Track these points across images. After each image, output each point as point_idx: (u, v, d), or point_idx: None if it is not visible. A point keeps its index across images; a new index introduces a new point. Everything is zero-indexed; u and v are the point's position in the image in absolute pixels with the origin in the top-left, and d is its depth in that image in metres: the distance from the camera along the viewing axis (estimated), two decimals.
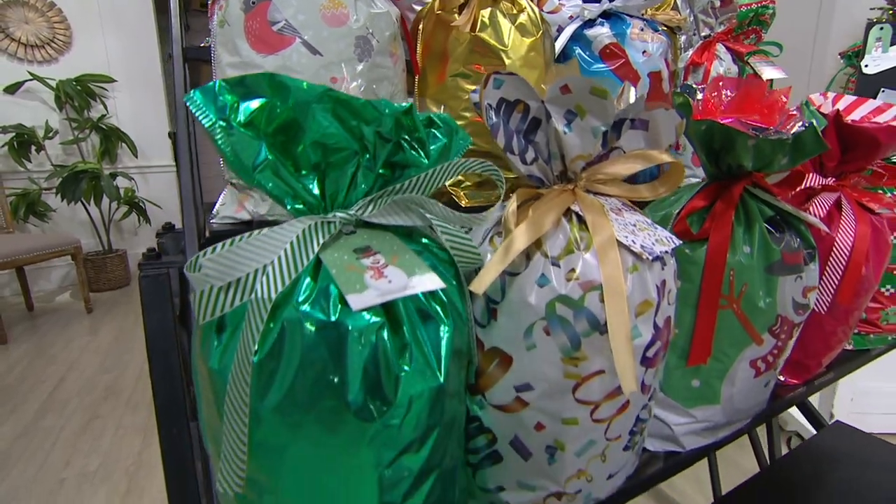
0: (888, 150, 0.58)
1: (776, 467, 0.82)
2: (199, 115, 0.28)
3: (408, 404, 0.28)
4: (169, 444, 0.54)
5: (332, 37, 0.51)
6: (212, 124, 0.28)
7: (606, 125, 0.36)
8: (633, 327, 0.36)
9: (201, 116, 0.28)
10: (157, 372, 0.56)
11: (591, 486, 0.40)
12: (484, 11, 0.62)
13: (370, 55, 0.54)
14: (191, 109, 0.28)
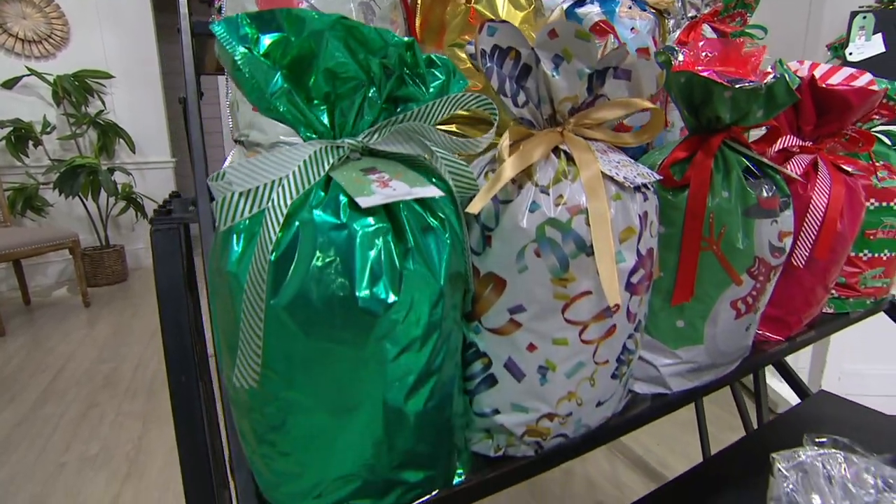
0: (860, 113, 0.61)
1: (761, 432, 0.86)
2: (224, 42, 0.31)
3: (410, 302, 0.31)
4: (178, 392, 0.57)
5: (337, 1, 0.54)
6: (234, 51, 0.31)
7: (591, 68, 0.40)
8: (618, 252, 0.39)
9: (226, 44, 0.31)
10: (167, 322, 0.58)
11: (581, 410, 0.43)
12: None
13: (372, 22, 0.57)
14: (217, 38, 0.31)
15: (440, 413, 0.36)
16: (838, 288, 0.78)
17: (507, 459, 0.44)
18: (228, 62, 0.32)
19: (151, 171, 3.19)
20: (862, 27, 1.25)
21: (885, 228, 0.75)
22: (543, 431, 0.42)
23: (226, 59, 0.32)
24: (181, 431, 0.56)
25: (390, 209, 0.33)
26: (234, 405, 0.36)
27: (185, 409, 0.57)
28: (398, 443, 0.34)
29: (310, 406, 0.32)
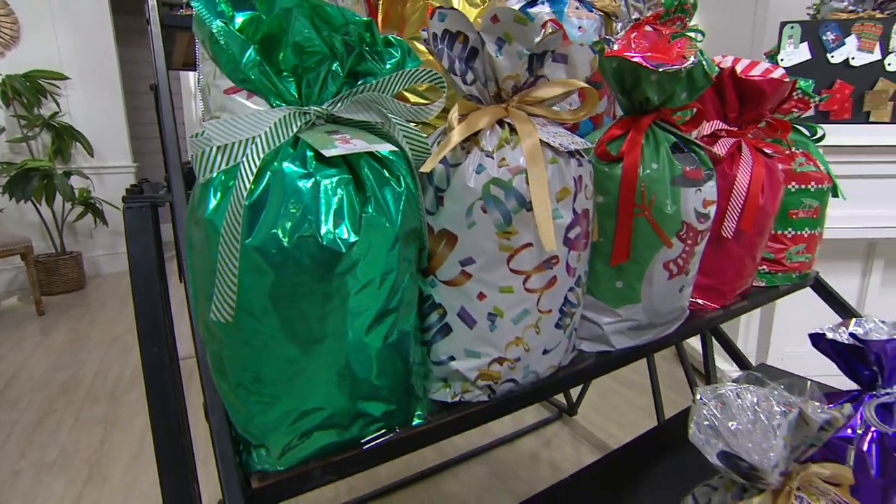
0: (774, 101, 0.70)
1: None
2: (203, 16, 0.36)
3: (368, 244, 0.36)
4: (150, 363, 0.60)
5: None
6: (212, 24, 0.36)
7: (530, 50, 0.46)
8: (555, 210, 0.45)
9: (205, 18, 0.36)
10: (139, 295, 0.61)
11: (529, 356, 0.49)
12: None
13: None
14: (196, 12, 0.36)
15: (398, 351, 0.41)
16: (768, 263, 0.87)
17: (463, 405, 0.49)
18: (206, 35, 0.37)
19: (111, 176, 3.12)
20: (791, 36, 1.38)
21: (805, 208, 0.85)
22: (494, 375, 0.48)
23: (204, 32, 0.37)
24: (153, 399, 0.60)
25: (351, 165, 0.38)
26: (210, 346, 0.40)
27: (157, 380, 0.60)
28: (360, 373, 0.39)
29: (280, 339, 0.36)
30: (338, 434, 0.41)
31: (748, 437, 0.41)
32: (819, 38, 1.39)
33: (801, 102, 0.89)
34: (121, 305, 2.67)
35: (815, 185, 0.85)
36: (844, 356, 0.60)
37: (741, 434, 0.41)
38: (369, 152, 0.39)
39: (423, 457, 1.40)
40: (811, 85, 0.89)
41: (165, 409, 0.60)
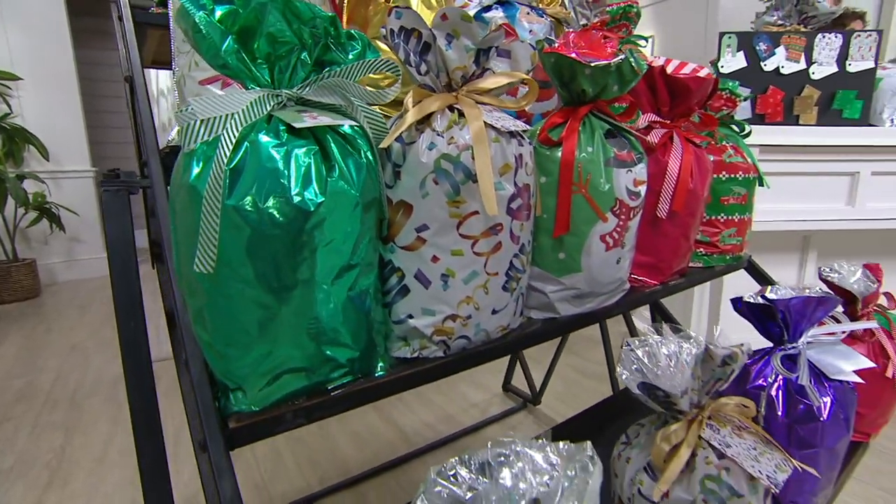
0: (699, 96, 0.80)
1: None
2: (188, 8, 0.42)
3: (333, 205, 0.43)
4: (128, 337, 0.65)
5: None
6: (196, 15, 0.42)
7: (476, 44, 0.54)
8: (498, 182, 0.53)
9: (189, 9, 0.42)
10: (117, 275, 0.66)
11: (479, 315, 0.56)
12: None
13: None
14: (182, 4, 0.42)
15: (360, 303, 0.48)
16: (704, 246, 0.97)
17: (421, 360, 0.56)
18: (190, 25, 0.43)
19: (68, 181, 3.06)
20: (728, 45, 1.52)
21: (735, 195, 0.95)
22: (448, 331, 0.54)
23: (187, 23, 0.43)
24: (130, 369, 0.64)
25: (319, 139, 0.45)
26: (192, 301, 0.45)
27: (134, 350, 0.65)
28: (325, 320, 0.45)
29: (256, 288, 0.42)
30: (307, 378, 0.47)
31: (665, 372, 0.49)
32: (753, 48, 1.53)
33: (729, 101, 1.00)
34: (79, 313, 2.61)
35: (742, 175, 0.96)
36: (758, 316, 0.69)
37: (660, 369, 0.49)
38: (334, 130, 0.46)
39: (393, 447, 1.45)
40: (737, 85, 1.00)
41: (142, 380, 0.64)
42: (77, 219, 3.00)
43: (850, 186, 1.57)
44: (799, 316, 0.66)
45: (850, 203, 1.58)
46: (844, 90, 1.54)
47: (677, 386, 0.47)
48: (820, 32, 1.52)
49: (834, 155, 1.54)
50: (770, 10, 1.66)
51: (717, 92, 0.98)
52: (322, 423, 1.64)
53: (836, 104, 1.57)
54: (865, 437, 0.82)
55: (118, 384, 1.89)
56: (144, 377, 0.63)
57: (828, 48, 1.53)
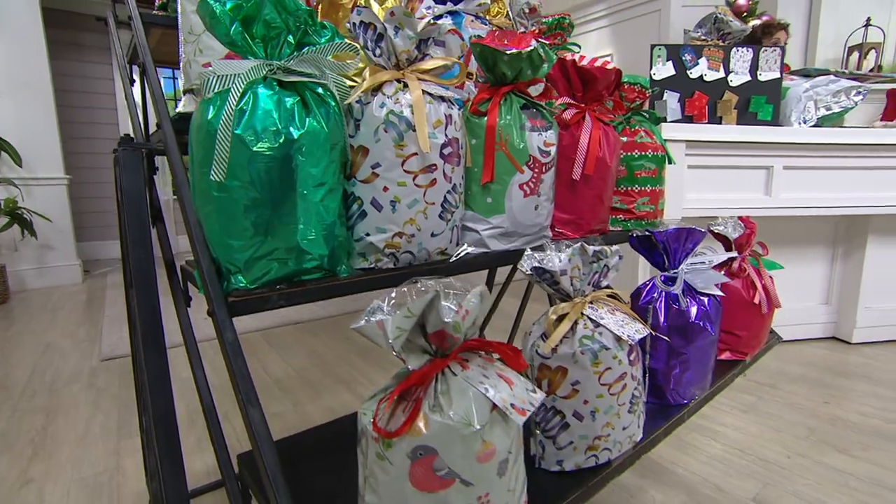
0: (605, 83, 1.04)
1: None
2: (211, 2, 0.63)
3: (310, 136, 0.63)
4: (138, 267, 0.83)
5: None
6: (215, 6, 0.63)
7: (416, 35, 0.75)
8: (432, 133, 0.74)
9: (212, 3, 0.63)
10: (130, 219, 0.85)
11: (420, 235, 0.76)
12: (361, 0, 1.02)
13: None
14: None
15: (327, 212, 0.68)
16: (623, 213, 1.19)
17: (377, 270, 0.76)
18: (208, 12, 0.63)
19: (41, 188, 3.18)
20: (659, 56, 1.80)
21: (646, 169, 1.19)
22: (396, 245, 0.75)
23: (206, 10, 0.63)
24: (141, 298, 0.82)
25: (300, 93, 0.65)
26: (205, 210, 0.64)
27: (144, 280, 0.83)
28: (303, 219, 0.65)
29: (254, 192, 0.62)
30: (288, 266, 0.66)
31: (550, 259, 0.69)
32: (680, 58, 1.81)
33: (641, 94, 1.25)
34: (51, 317, 2.71)
35: (651, 153, 1.20)
36: (646, 247, 0.91)
37: (547, 258, 0.69)
38: (311, 90, 0.67)
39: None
40: (648, 80, 1.25)
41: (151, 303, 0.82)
42: (49, 226, 3.11)
43: (767, 179, 1.85)
44: (675, 245, 0.89)
45: (767, 193, 1.85)
46: (757, 95, 1.83)
47: (557, 266, 0.67)
48: (734, 46, 1.82)
49: (752, 150, 1.81)
50: (696, 27, 1.96)
51: (631, 85, 1.23)
52: (298, 401, 1.80)
53: (752, 108, 1.85)
54: (743, 355, 1.04)
55: (97, 374, 2.01)
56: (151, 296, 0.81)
57: (741, 60, 1.82)
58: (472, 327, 0.52)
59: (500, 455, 0.49)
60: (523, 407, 0.47)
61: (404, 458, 0.46)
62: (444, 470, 0.46)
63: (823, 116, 1.90)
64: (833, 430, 1.59)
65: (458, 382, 0.49)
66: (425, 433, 0.46)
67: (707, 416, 1.68)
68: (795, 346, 2.21)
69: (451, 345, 0.50)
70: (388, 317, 0.46)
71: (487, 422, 0.47)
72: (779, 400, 1.78)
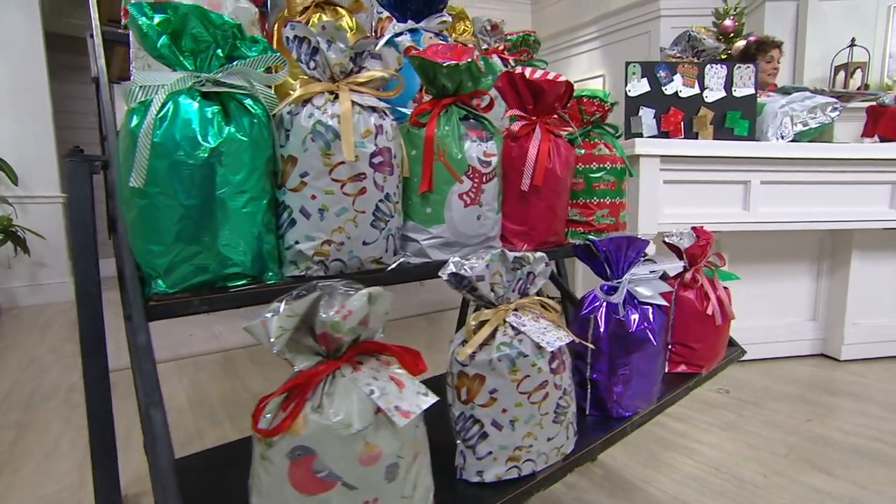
0: (553, 96, 1.05)
1: None
2: (137, 17, 0.65)
3: (230, 146, 0.65)
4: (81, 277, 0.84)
5: None
6: (141, 21, 0.65)
7: (348, 48, 0.78)
8: (360, 142, 0.75)
9: (136, 18, 0.65)
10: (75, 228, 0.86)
11: (351, 243, 0.77)
12: (314, 17, 1.05)
13: None
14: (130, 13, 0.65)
15: (251, 221, 0.69)
16: (582, 225, 1.20)
17: (308, 277, 0.77)
18: (135, 27, 0.66)
19: (37, 206, 3.25)
20: (634, 73, 1.82)
21: (605, 181, 1.20)
22: (325, 253, 0.76)
23: (134, 24, 0.66)
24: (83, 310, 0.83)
25: (224, 102, 0.67)
26: (129, 216, 0.66)
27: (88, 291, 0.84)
28: (224, 226, 0.66)
29: (174, 199, 0.63)
30: (210, 272, 0.67)
31: (469, 268, 0.69)
32: (654, 75, 1.84)
33: (601, 107, 1.26)
34: (41, 332, 2.74)
35: (610, 165, 1.21)
36: (590, 257, 0.92)
37: (466, 267, 0.69)
38: (236, 100, 0.69)
39: None
40: (608, 94, 1.26)
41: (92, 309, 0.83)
42: (42, 243, 3.17)
43: (744, 194, 1.84)
44: (616, 255, 0.89)
45: (745, 208, 1.85)
46: (732, 111, 1.84)
47: (473, 272, 0.68)
48: (708, 63, 1.84)
49: (728, 165, 1.82)
50: (671, 45, 1.98)
51: (590, 99, 1.25)
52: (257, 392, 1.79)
53: (728, 123, 1.86)
54: (698, 368, 1.02)
55: (75, 390, 2.02)
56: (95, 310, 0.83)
57: (716, 76, 1.84)
58: (366, 329, 0.53)
59: (387, 459, 0.48)
60: (409, 409, 0.48)
61: (283, 458, 0.46)
62: (324, 472, 0.46)
63: (800, 132, 1.91)
64: (813, 449, 1.55)
65: (345, 384, 0.49)
66: (303, 433, 0.46)
67: (684, 434, 1.65)
68: (782, 363, 2.18)
69: (340, 346, 0.51)
70: (272, 316, 0.47)
71: (371, 423, 0.48)
72: (760, 418, 1.74)
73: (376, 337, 0.56)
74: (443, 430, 0.73)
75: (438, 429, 0.75)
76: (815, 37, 3.22)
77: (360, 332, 0.53)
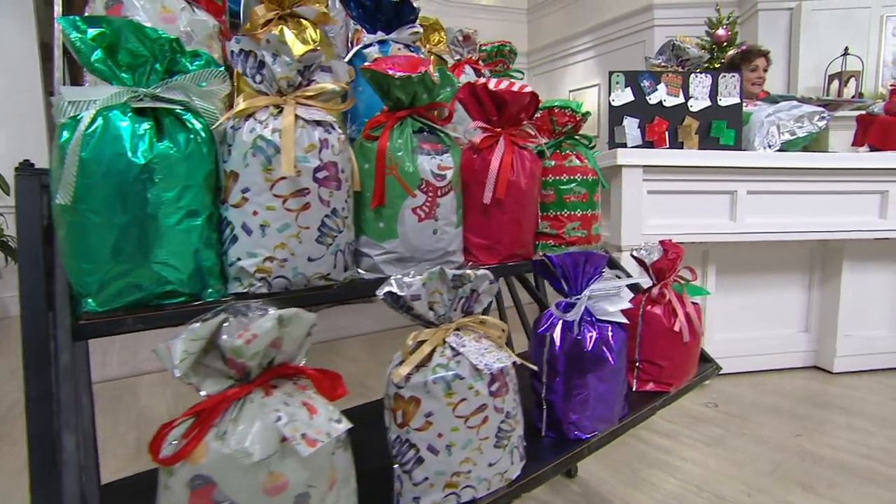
0: (516, 106, 1.04)
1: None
2: (70, 32, 0.64)
3: (161, 162, 0.64)
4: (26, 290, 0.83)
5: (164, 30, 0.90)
6: (73, 35, 0.65)
7: (294, 61, 0.77)
8: (303, 157, 0.74)
9: (71, 33, 0.65)
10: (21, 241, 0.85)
11: (294, 259, 0.75)
12: (276, 29, 1.04)
13: (190, 45, 0.93)
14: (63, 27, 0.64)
15: (187, 237, 0.68)
16: (552, 238, 1.18)
17: (251, 295, 0.75)
18: (69, 41, 0.65)
19: None
20: (617, 82, 1.81)
21: (576, 193, 1.18)
22: (267, 270, 0.74)
23: (67, 40, 0.65)
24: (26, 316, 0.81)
25: (159, 118, 0.66)
26: (60, 233, 0.65)
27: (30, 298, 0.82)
28: (157, 243, 0.65)
29: (103, 217, 0.62)
30: (142, 291, 0.66)
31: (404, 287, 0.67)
32: (638, 84, 1.82)
33: (572, 118, 1.25)
34: None
35: (581, 177, 1.19)
36: (547, 272, 0.89)
37: (403, 285, 0.67)
38: (173, 114, 0.68)
39: None
40: (580, 105, 1.25)
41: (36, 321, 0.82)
42: None
43: (731, 204, 1.82)
44: (574, 270, 0.87)
45: (732, 218, 1.82)
46: (717, 120, 1.82)
47: (408, 290, 0.66)
48: (693, 73, 1.82)
49: (714, 175, 1.79)
50: (656, 54, 1.97)
51: (561, 109, 1.23)
52: None
53: (713, 133, 1.84)
54: (667, 386, 1.00)
55: None
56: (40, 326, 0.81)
57: (700, 86, 1.82)
58: (279, 352, 0.51)
59: (296, 488, 0.47)
60: (316, 437, 0.46)
61: (184, 487, 0.45)
62: (225, 502, 0.44)
63: (788, 141, 1.88)
64: (800, 465, 1.51)
65: (253, 410, 0.48)
66: (202, 462, 0.44)
67: (668, 450, 1.61)
68: (774, 376, 2.14)
69: (249, 371, 0.49)
70: (176, 340, 0.46)
71: (276, 452, 0.46)
72: (747, 433, 1.70)
73: (298, 360, 0.55)
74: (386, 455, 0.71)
75: (383, 454, 0.73)
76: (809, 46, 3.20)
77: (273, 354, 0.51)
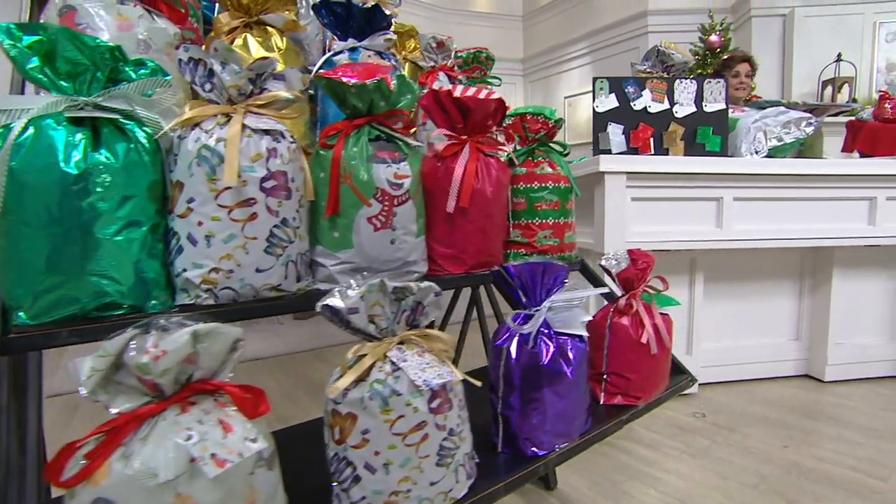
0: (481, 113, 1.02)
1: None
2: (3, 40, 0.63)
3: (98, 171, 0.62)
4: None
5: (121, 38, 0.89)
6: (6, 43, 0.64)
7: (243, 69, 0.75)
8: (249, 166, 0.73)
9: (4, 41, 0.64)
10: None
11: (241, 270, 0.74)
12: (239, 39, 1.03)
13: (148, 53, 0.92)
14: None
15: (127, 248, 0.66)
16: (523, 246, 1.16)
17: (198, 306, 0.73)
18: (6, 52, 0.64)
19: None
20: (602, 88, 1.79)
21: (547, 201, 1.16)
22: (213, 281, 0.72)
23: (4, 50, 0.64)
24: None
25: (97, 128, 0.65)
26: None
27: None
28: (93, 255, 0.63)
29: (35, 227, 0.61)
30: (80, 304, 0.64)
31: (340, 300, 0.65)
32: (623, 91, 1.80)
33: (545, 125, 1.23)
34: None
35: (552, 184, 1.17)
36: (505, 284, 0.87)
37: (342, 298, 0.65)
38: (113, 124, 0.67)
39: None
40: (554, 112, 1.23)
41: None
42: None
43: (717, 210, 1.79)
44: (532, 282, 0.85)
45: (718, 225, 1.79)
46: (703, 126, 1.80)
47: (347, 301, 0.64)
48: (678, 78, 1.80)
49: (699, 182, 1.77)
50: (642, 60, 1.95)
51: (534, 116, 1.21)
52: None
53: (699, 139, 1.82)
54: (635, 400, 0.97)
55: None
56: None
57: (686, 91, 1.80)
58: (196, 368, 0.49)
59: None
60: (226, 458, 0.44)
61: None
62: None
63: (775, 147, 1.85)
64: (786, 478, 1.48)
65: (164, 428, 0.46)
66: (103, 483, 0.42)
67: (652, 462, 1.58)
68: (764, 385, 2.09)
69: (163, 388, 0.47)
70: (85, 357, 0.44)
71: (185, 472, 0.44)
72: (734, 444, 1.67)
73: (221, 375, 0.53)
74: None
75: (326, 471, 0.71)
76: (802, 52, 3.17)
77: (190, 371, 0.49)
